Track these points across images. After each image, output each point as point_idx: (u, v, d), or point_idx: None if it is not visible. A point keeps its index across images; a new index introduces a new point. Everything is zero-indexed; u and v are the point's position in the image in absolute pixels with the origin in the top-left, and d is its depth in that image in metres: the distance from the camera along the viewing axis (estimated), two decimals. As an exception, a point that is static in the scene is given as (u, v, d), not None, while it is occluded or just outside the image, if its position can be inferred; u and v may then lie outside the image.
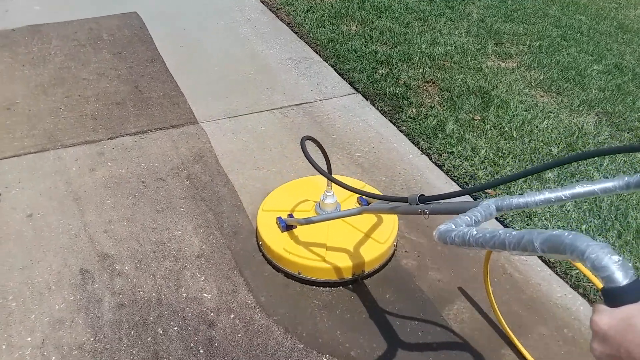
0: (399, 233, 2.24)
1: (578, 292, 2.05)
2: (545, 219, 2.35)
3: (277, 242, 2.08)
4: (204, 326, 1.88)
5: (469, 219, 0.98)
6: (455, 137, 2.91)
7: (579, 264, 1.68)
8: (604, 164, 2.73)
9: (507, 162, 2.71)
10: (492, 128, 3.00)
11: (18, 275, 2.05)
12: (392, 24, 4.39)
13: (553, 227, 2.31)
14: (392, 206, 1.53)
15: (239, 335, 1.86)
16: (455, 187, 2.59)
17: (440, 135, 2.93)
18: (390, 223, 2.16)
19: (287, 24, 4.38)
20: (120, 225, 2.31)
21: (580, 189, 1.05)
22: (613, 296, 0.58)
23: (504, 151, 2.80)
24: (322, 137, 2.95)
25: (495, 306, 1.87)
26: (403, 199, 1.40)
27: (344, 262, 2.00)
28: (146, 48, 3.91)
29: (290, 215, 2.19)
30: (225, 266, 2.13)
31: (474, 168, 2.67)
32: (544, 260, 2.17)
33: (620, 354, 0.54)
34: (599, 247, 0.61)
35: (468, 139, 2.89)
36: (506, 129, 2.98)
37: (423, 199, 1.31)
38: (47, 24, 4.20)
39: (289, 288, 2.04)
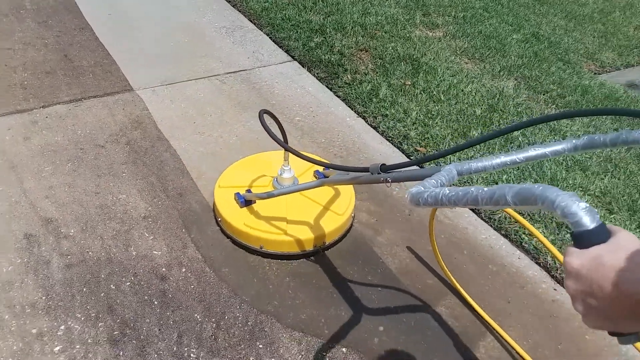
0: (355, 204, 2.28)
1: (500, 234, 2.28)
2: (482, 179, 2.56)
3: (236, 217, 2.07)
4: (157, 280, 1.94)
5: (435, 182, 1.01)
6: (389, 101, 3.07)
7: (531, 227, 1.86)
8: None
9: (436, 123, 2.90)
10: (422, 92, 3.18)
11: (-43, 243, 2.01)
12: (325, -6, 4.48)
13: (478, 180, 2.53)
14: (353, 176, 1.53)
15: (192, 286, 1.93)
16: (390, 147, 2.76)
17: (374, 100, 3.08)
18: (348, 194, 2.21)
19: (220, -6, 4.35)
20: (61, 191, 2.29)
21: (532, 152, 1.10)
22: (582, 239, 0.63)
23: (433, 113, 2.99)
24: (261, 102, 3.02)
25: (440, 257, 2.01)
26: (364, 169, 1.42)
27: (305, 235, 2.03)
28: (73, 17, 3.78)
29: (249, 191, 2.19)
30: (173, 225, 2.18)
31: (406, 129, 2.85)
32: (471, 209, 2.39)
33: (593, 289, 0.59)
34: (568, 195, 0.65)
35: (400, 103, 3.06)
36: (434, 92, 3.18)
37: (384, 168, 1.34)
38: (-38, -9, 3.95)
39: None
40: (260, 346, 1.76)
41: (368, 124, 2.93)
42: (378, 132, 2.86)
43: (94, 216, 2.18)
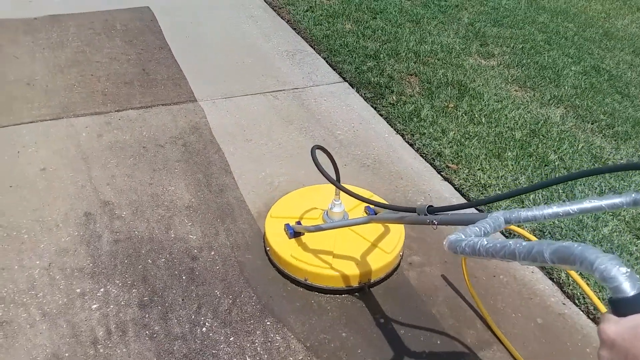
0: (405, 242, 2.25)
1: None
2: (498, 190, 2.62)
3: (284, 248, 2.09)
4: (188, 259, 2.18)
5: (478, 229, 0.98)
6: (429, 121, 3.20)
7: (576, 277, 1.81)
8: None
9: (472, 143, 2.99)
10: (464, 114, 3.28)
11: (30, 214, 2.37)
12: (385, 24, 4.71)
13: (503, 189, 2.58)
14: (399, 216, 1.52)
15: (217, 267, 2.15)
16: (422, 162, 2.88)
17: (415, 119, 3.22)
18: (397, 232, 2.19)
19: (287, 22, 4.71)
20: (121, 180, 2.62)
21: (587, 204, 1.06)
22: (621, 306, 0.60)
23: (470, 134, 3.08)
24: (308, 117, 3.25)
25: (482, 307, 2.00)
26: (411, 209, 1.40)
27: (351, 270, 2.02)
28: (155, 37, 4.25)
29: (298, 223, 2.21)
30: (210, 216, 2.43)
31: (442, 147, 2.96)
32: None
33: None
34: (608, 258, 0.62)
35: (440, 123, 3.18)
36: (476, 115, 3.27)
37: (431, 210, 1.31)
38: (66, 14, 4.57)
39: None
40: (268, 323, 1.93)
41: (405, 140, 3.07)
42: (414, 148, 3.00)
43: (145, 202, 2.48)
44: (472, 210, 2.29)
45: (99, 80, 3.55)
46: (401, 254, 2.20)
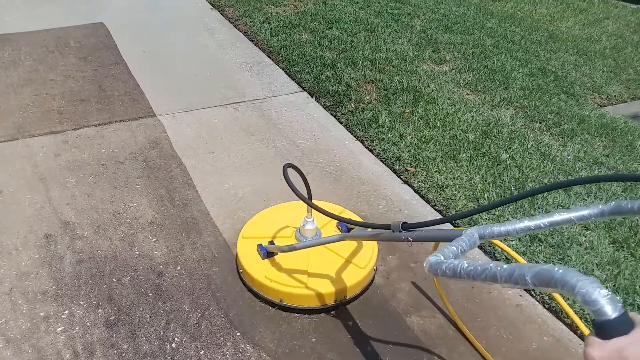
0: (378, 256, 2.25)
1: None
2: (455, 190, 2.72)
3: (258, 269, 2.07)
4: (154, 276, 2.18)
5: (455, 249, 0.99)
6: (387, 127, 3.29)
7: (558, 297, 1.79)
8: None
9: (429, 147, 3.09)
10: (420, 119, 3.38)
11: (-12, 239, 2.31)
12: (341, 33, 4.80)
13: (461, 197, 2.68)
14: (374, 233, 1.51)
15: (184, 282, 2.16)
16: (382, 167, 2.95)
17: (373, 125, 3.30)
18: (370, 247, 2.18)
19: (244, 33, 4.75)
20: (81, 200, 2.59)
21: (557, 217, 1.08)
22: (604, 329, 0.61)
23: (427, 137, 3.18)
24: (269, 127, 3.29)
25: (458, 318, 2.00)
26: (386, 227, 1.40)
27: (327, 288, 1.99)
28: (110, 53, 4.22)
29: (271, 242, 2.18)
30: (175, 231, 2.43)
31: (400, 151, 3.04)
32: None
33: None
34: (589, 281, 0.63)
35: (397, 128, 3.27)
36: (431, 120, 3.38)
37: (406, 227, 1.31)
38: (18, 32, 4.48)
39: (234, 249, 2.35)
40: (238, 334, 1.95)
41: (365, 146, 3.14)
42: (373, 153, 3.07)
43: (107, 221, 2.46)
44: (447, 225, 2.30)
45: (54, 99, 3.49)
46: (375, 268, 2.19)
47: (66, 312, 2.00)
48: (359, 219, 2.41)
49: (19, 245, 2.30)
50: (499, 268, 0.78)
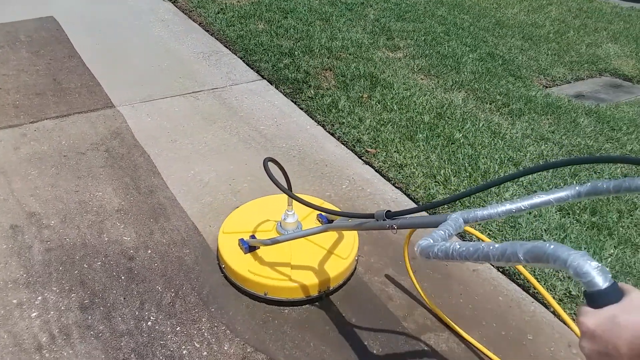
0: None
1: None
2: (413, 168, 2.85)
3: (241, 264, 2.06)
4: (125, 260, 2.21)
5: (443, 232, 1.01)
6: (346, 111, 3.39)
7: (524, 271, 1.89)
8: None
9: (387, 129, 3.21)
10: (377, 103, 3.51)
11: (-50, 233, 2.28)
12: (297, 23, 4.87)
13: (419, 174, 2.81)
14: (358, 223, 1.52)
15: (155, 264, 2.20)
16: (344, 149, 3.05)
17: (333, 110, 3.40)
18: (351, 237, 2.19)
19: (199, 24, 4.75)
20: (45, 191, 2.58)
21: (537, 199, 1.10)
22: (596, 298, 0.64)
23: (385, 120, 3.31)
24: (230, 115, 3.33)
25: (415, 279, 2.06)
26: (370, 216, 1.42)
27: (310, 280, 2.00)
28: (63, 47, 4.15)
29: (252, 237, 2.17)
30: (143, 216, 2.46)
31: (360, 134, 3.16)
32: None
33: (609, 350, 0.60)
34: (579, 255, 0.66)
35: (356, 112, 3.38)
36: (388, 104, 3.50)
37: (390, 215, 1.33)
38: (-38, 26, 4.34)
39: (202, 232, 2.40)
40: (213, 309, 2.01)
41: (326, 131, 3.24)
42: (335, 137, 3.17)
43: (73, 210, 2.47)
44: (426, 213, 2.21)
45: (9, 93, 3.42)
46: (357, 258, 2.21)
47: (39, 298, 2.01)
48: (338, 209, 2.41)
49: (-16, 237, 2.28)
50: (491, 247, 0.80)
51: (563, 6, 6.32)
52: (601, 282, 0.64)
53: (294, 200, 2.03)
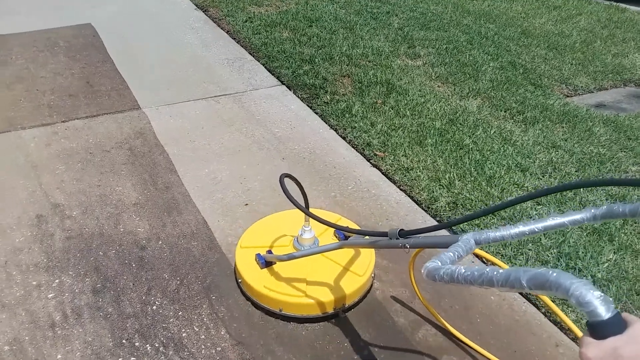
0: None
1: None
2: (419, 171, 2.93)
3: (257, 279, 2.07)
4: (137, 249, 2.37)
5: (452, 254, 1.00)
6: (359, 116, 3.49)
7: (545, 298, 1.85)
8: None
9: (397, 133, 3.29)
10: (390, 109, 3.59)
11: (-17, 220, 2.50)
12: (320, 31, 5.01)
13: (424, 177, 2.88)
14: (371, 241, 1.52)
15: (165, 254, 2.35)
16: (354, 152, 3.15)
17: (347, 115, 3.51)
18: (368, 254, 2.18)
19: (227, 32, 4.95)
20: (70, 184, 2.78)
21: (551, 221, 1.09)
22: (598, 329, 0.62)
23: (396, 125, 3.39)
24: (248, 118, 3.48)
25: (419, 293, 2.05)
26: (383, 234, 1.41)
27: (326, 297, 1.99)
28: (98, 52, 4.40)
29: (269, 251, 2.18)
30: (157, 210, 2.62)
31: (370, 138, 3.25)
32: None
33: None
34: (582, 284, 0.65)
35: (369, 117, 3.48)
36: (401, 109, 3.59)
37: (403, 233, 1.33)
38: (9, 34, 4.66)
39: (211, 226, 2.54)
40: (214, 297, 2.14)
41: (338, 134, 3.35)
42: (346, 140, 3.27)
43: (94, 202, 2.65)
44: (444, 231, 2.32)
45: (44, 95, 3.68)
46: (373, 274, 2.19)
47: (56, 281, 2.18)
48: (356, 227, 2.43)
49: (13, 224, 2.48)
50: (495, 273, 0.80)
51: (593, 16, 6.25)
52: (604, 312, 0.63)
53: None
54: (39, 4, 5.65)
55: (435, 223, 2.58)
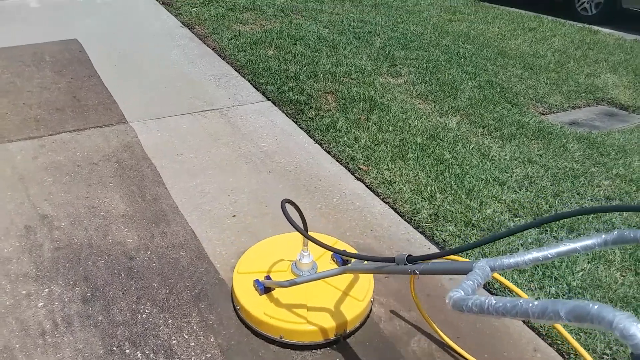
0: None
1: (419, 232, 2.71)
2: (402, 184, 3.02)
3: (256, 306, 2.02)
4: (126, 259, 2.40)
5: (472, 283, 0.98)
6: (344, 131, 3.59)
7: (558, 327, 1.85)
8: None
9: (380, 148, 3.39)
10: (374, 125, 3.70)
11: (-30, 230, 2.51)
12: (305, 49, 5.14)
13: (406, 190, 2.98)
14: (378, 266, 1.49)
15: (154, 264, 2.39)
16: (338, 166, 3.24)
17: (331, 130, 3.60)
18: (366, 279, 2.15)
19: (213, 49, 5.04)
20: (58, 196, 2.80)
21: (563, 247, 1.09)
22: None
23: (379, 140, 3.49)
24: (233, 132, 3.55)
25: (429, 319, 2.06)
26: (390, 259, 1.39)
27: (328, 323, 1.96)
28: (84, 67, 4.45)
29: (268, 277, 2.14)
30: (145, 222, 2.66)
31: (354, 152, 3.34)
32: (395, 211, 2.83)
33: None
34: (625, 316, 0.64)
35: (353, 132, 3.58)
36: (384, 125, 3.70)
37: (411, 259, 1.31)
38: (-7, 47, 4.68)
39: (199, 236, 2.59)
40: (203, 306, 2.18)
41: (323, 149, 3.43)
42: (330, 155, 3.36)
43: (82, 214, 2.68)
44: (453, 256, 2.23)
45: (31, 108, 3.70)
46: (372, 299, 2.17)
47: (46, 290, 2.20)
48: (354, 251, 2.41)
49: (1, 235, 2.50)
50: (530, 304, 0.78)
51: (567, 38, 6.51)
52: None
53: (309, 241, 1.96)
54: (25, 19, 5.68)
55: (419, 234, 2.67)
